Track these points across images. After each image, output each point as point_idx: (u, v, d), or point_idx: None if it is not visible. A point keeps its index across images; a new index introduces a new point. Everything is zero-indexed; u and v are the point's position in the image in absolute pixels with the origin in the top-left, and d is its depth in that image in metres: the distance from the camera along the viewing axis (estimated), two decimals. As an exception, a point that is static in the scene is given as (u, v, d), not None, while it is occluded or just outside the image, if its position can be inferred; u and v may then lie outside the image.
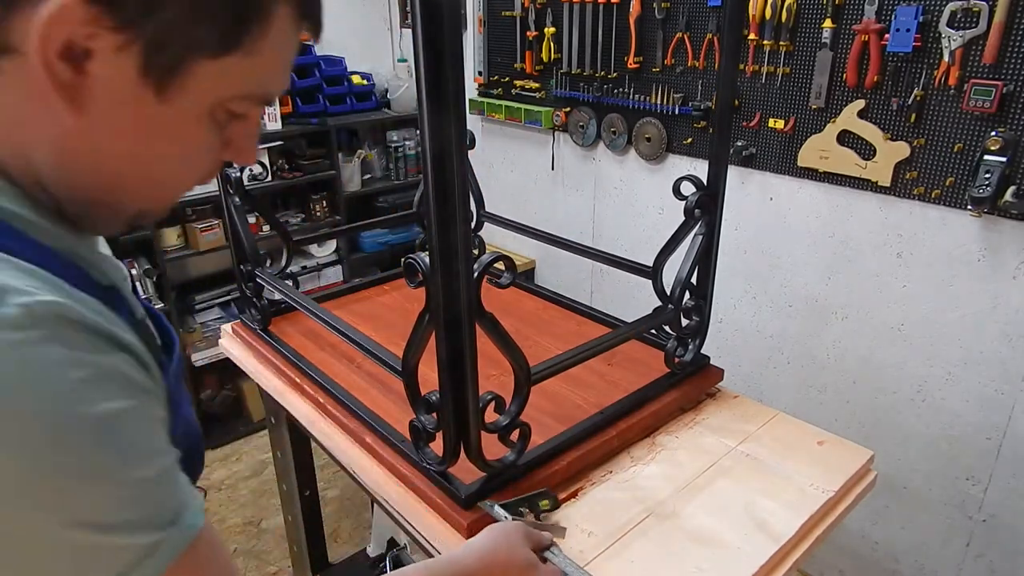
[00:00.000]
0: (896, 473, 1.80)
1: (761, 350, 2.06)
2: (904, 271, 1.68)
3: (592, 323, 1.46)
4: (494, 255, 0.79)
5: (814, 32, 1.68)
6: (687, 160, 2.09)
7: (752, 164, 1.91)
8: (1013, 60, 1.39)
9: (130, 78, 0.39)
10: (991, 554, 1.70)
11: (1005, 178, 1.43)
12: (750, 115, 1.86)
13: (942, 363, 1.67)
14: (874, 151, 1.65)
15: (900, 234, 1.67)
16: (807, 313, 1.91)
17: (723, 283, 1.86)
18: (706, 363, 1.27)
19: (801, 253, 1.88)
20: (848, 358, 1.85)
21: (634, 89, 2.12)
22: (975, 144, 1.48)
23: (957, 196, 1.54)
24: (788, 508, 0.98)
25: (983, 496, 1.67)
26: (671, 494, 1.01)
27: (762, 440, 1.12)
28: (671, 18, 1.96)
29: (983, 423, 1.63)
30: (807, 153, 1.77)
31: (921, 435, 1.74)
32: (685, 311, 1.18)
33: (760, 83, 1.82)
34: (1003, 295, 1.53)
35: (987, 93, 1.41)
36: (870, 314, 1.77)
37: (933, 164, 1.56)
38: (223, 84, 0.42)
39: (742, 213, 1.97)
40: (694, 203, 1.12)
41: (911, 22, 1.49)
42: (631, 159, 2.25)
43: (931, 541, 1.80)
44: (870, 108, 1.63)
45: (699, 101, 1.97)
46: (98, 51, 0.36)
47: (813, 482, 1.03)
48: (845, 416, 1.89)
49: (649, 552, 0.91)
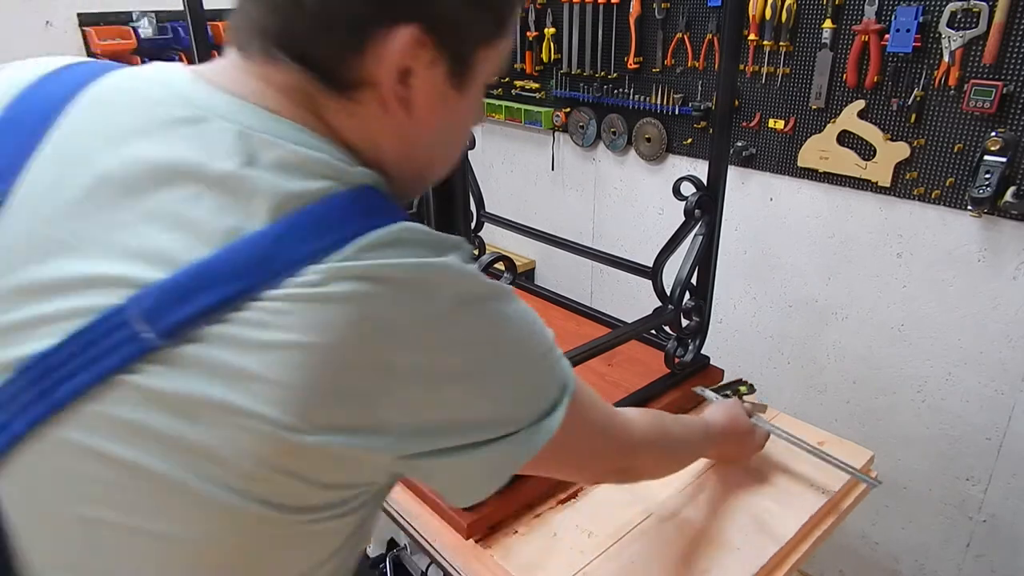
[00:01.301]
0: (896, 473, 1.80)
1: (761, 350, 2.06)
2: (904, 271, 1.68)
3: (592, 323, 1.46)
4: (494, 255, 0.79)
5: (814, 32, 1.68)
6: (687, 160, 2.09)
7: (752, 164, 1.91)
8: (1013, 60, 1.39)
9: (440, 84, 0.49)
10: (991, 554, 1.70)
11: (1005, 178, 1.43)
12: (750, 115, 1.86)
13: (942, 363, 1.67)
14: (874, 151, 1.65)
15: (900, 234, 1.67)
16: (807, 313, 1.91)
17: (723, 283, 1.86)
18: (706, 363, 1.27)
19: (801, 253, 1.88)
20: (848, 358, 1.85)
21: (634, 89, 2.12)
22: (975, 144, 1.48)
23: (957, 196, 1.54)
24: (788, 508, 0.98)
25: (983, 496, 1.67)
26: (671, 495, 1.01)
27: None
28: (671, 18, 1.96)
29: (983, 423, 1.63)
30: (807, 153, 1.77)
31: (921, 435, 1.74)
32: (685, 311, 1.18)
33: (760, 83, 1.81)
34: (1003, 295, 1.53)
35: (987, 93, 1.41)
36: (870, 314, 1.77)
37: (933, 164, 1.56)
38: (492, 63, 0.52)
39: (742, 213, 1.97)
40: (694, 203, 1.11)
41: (911, 22, 1.49)
42: (631, 159, 2.25)
43: (931, 541, 1.80)
44: (870, 108, 1.63)
45: (699, 101, 1.97)
46: (417, 69, 0.46)
47: (813, 482, 1.03)
48: (845, 416, 1.89)
49: (649, 553, 0.91)
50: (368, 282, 0.40)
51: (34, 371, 0.41)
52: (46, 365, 0.40)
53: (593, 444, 0.64)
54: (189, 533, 0.42)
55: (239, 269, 0.40)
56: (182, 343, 0.39)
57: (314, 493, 0.43)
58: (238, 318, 0.39)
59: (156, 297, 0.39)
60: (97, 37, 1.97)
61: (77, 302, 0.41)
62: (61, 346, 0.40)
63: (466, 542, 0.93)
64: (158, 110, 0.45)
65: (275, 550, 0.45)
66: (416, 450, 0.45)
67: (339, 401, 0.41)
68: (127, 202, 0.42)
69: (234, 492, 0.41)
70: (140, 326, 0.39)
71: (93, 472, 0.41)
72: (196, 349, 0.39)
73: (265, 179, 0.42)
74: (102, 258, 0.41)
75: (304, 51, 0.46)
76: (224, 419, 0.39)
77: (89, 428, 0.40)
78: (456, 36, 0.47)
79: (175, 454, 0.40)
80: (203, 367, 0.39)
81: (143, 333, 0.39)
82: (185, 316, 0.39)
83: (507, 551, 0.91)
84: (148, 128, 0.44)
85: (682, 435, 0.83)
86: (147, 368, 0.39)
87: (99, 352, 0.40)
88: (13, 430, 0.41)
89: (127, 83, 0.48)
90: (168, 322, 0.39)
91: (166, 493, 0.41)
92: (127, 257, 0.41)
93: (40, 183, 0.45)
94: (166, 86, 0.47)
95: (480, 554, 0.91)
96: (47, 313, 0.41)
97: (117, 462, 0.40)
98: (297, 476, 0.42)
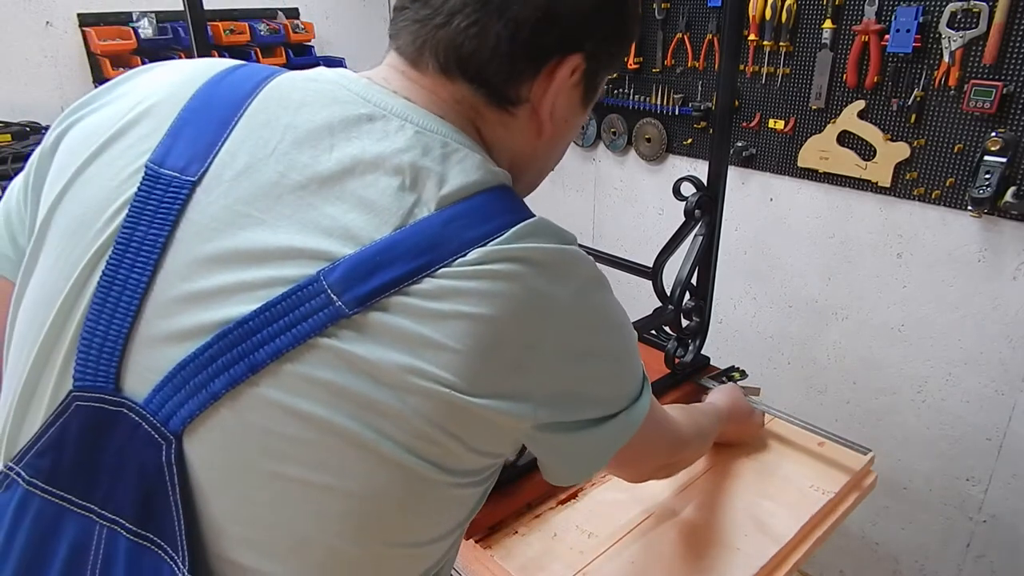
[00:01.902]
0: (896, 473, 1.80)
1: (761, 351, 2.05)
2: (904, 272, 1.68)
3: (592, 324, 1.46)
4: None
5: (814, 33, 1.68)
6: (687, 161, 2.09)
7: (752, 165, 1.91)
8: (1013, 61, 1.39)
9: (575, 103, 0.57)
10: (991, 555, 1.70)
11: (1005, 179, 1.43)
12: (750, 116, 1.86)
13: (942, 363, 1.67)
14: (874, 152, 1.65)
15: (900, 235, 1.67)
16: (807, 314, 1.91)
17: (723, 283, 1.86)
18: (706, 364, 1.27)
19: (801, 254, 1.88)
20: (848, 358, 1.85)
21: (634, 90, 2.12)
22: (975, 145, 1.48)
23: (957, 197, 1.54)
24: (788, 509, 0.98)
25: (983, 497, 1.67)
26: (671, 495, 1.01)
27: (762, 441, 1.12)
28: (671, 19, 1.96)
29: (983, 423, 1.62)
30: (807, 154, 1.77)
31: (921, 436, 1.74)
32: (685, 312, 1.18)
33: (760, 84, 1.82)
34: (1003, 296, 1.53)
35: (987, 94, 1.41)
36: (870, 315, 1.77)
37: (933, 165, 1.56)
38: (602, 86, 0.60)
39: (742, 214, 1.97)
40: (694, 204, 1.11)
41: (911, 23, 1.49)
42: (631, 160, 2.25)
43: (931, 542, 1.80)
44: (870, 109, 1.63)
45: (699, 102, 1.97)
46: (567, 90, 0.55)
47: (813, 483, 1.03)
48: (845, 417, 1.89)
49: (649, 553, 0.91)
50: (523, 263, 0.46)
51: (234, 334, 0.44)
52: (246, 329, 0.44)
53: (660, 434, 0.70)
54: (363, 489, 0.46)
55: (416, 248, 0.45)
56: (370, 311, 0.44)
57: (469, 457, 0.48)
58: (417, 290, 0.44)
59: (346, 270, 0.44)
60: (97, 37, 1.97)
61: (273, 272, 0.45)
62: (260, 311, 0.44)
63: (466, 542, 0.93)
64: (339, 107, 0.50)
65: (427, 509, 0.49)
66: (548, 419, 0.50)
67: (501, 367, 0.46)
68: (315, 186, 0.47)
69: (406, 449, 0.45)
70: (334, 295, 0.44)
71: (285, 429, 0.44)
72: (381, 317, 0.44)
73: (437, 172, 0.47)
74: (296, 233, 0.46)
75: (480, 72, 0.52)
76: (404, 380, 0.44)
77: (286, 387, 0.44)
78: (600, 65, 0.56)
79: (362, 412, 0.44)
80: (387, 333, 0.44)
81: (336, 301, 0.43)
82: (372, 288, 0.44)
83: (507, 551, 0.91)
84: (331, 121, 0.49)
85: (708, 427, 0.89)
86: (340, 332, 0.44)
87: (296, 317, 0.44)
88: (212, 389, 0.44)
89: (304, 83, 0.53)
90: (357, 292, 0.44)
91: (349, 449, 0.44)
92: (318, 233, 0.45)
93: (233, 166, 0.48)
94: (344, 87, 0.52)
95: (480, 554, 0.91)
96: (244, 280, 0.45)
97: (309, 419, 0.44)
98: (457, 437, 0.46)
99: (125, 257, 0.47)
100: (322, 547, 0.46)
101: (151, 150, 0.49)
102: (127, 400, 0.46)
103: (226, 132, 0.50)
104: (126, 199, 0.48)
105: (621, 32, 0.56)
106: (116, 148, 0.50)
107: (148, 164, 0.49)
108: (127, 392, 0.46)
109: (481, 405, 0.45)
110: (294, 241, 0.45)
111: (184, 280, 0.46)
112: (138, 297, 0.46)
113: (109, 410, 0.46)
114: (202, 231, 0.47)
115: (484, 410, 0.45)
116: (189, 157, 0.49)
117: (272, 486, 0.45)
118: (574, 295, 0.49)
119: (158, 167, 0.48)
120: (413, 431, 0.45)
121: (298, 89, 0.52)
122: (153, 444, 0.45)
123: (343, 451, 0.44)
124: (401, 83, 0.53)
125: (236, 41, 2.18)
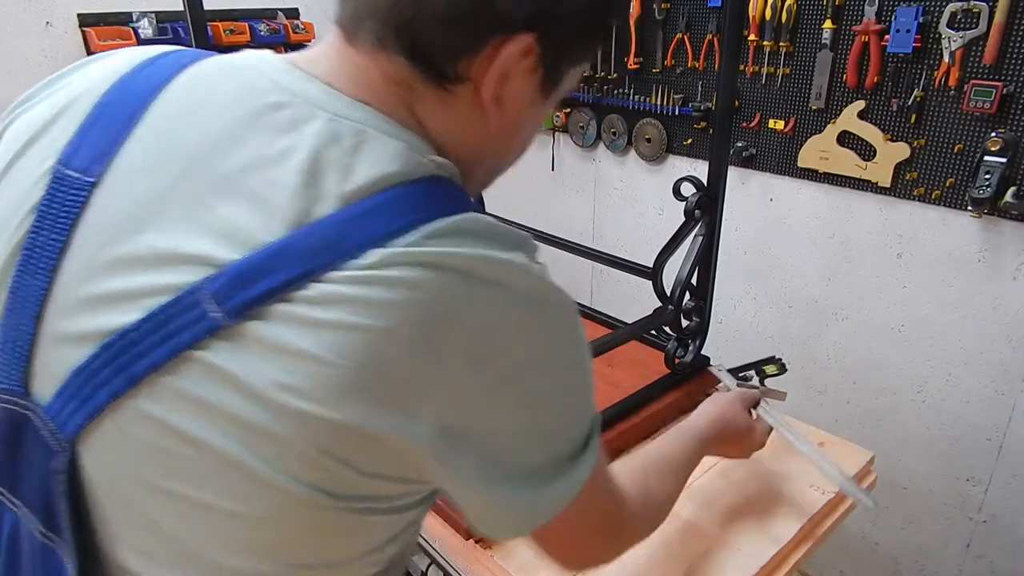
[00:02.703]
0: (896, 474, 1.80)
1: (761, 351, 2.05)
2: (904, 272, 1.68)
3: (592, 324, 1.46)
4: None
5: (814, 33, 1.68)
6: (687, 161, 2.09)
7: (752, 165, 1.91)
8: (1013, 61, 1.39)
9: (531, 90, 0.51)
10: (991, 555, 1.70)
11: (1005, 179, 1.43)
12: (750, 116, 1.86)
13: (942, 364, 1.67)
14: (874, 152, 1.65)
15: (900, 235, 1.67)
16: (807, 314, 1.91)
17: (723, 284, 1.86)
18: (706, 364, 1.26)
19: (801, 254, 1.88)
20: (848, 359, 1.85)
21: (634, 90, 2.12)
22: (975, 145, 1.48)
23: (957, 197, 1.54)
24: (788, 508, 0.98)
25: (983, 497, 1.67)
26: (671, 495, 1.01)
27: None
28: (671, 19, 1.96)
29: (983, 424, 1.63)
30: (807, 154, 1.77)
31: (921, 436, 1.74)
32: (685, 312, 1.18)
33: (760, 84, 1.82)
34: (1003, 296, 1.53)
35: (987, 94, 1.41)
36: (870, 315, 1.77)
37: (933, 165, 1.56)
38: (573, 80, 0.55)
39: (742, 214, 1.97)
40: (694, 204, 1.11)
41: (911, 23, 1.49)
42: (631, 160, 2.25)
43: (931, 542, 1.80)
44: (870, 109, 1.63)
45: (699, 102, 1.97)
46: (517, 73, 0.48)
47: (813, 483, 1.03)
48: (845, 417, 1.89)
49: (649, 553, 0.90)
50: (428, 269, 0.40)
51: (117, 345, 0.42)
52: (127, 340, 0.42)
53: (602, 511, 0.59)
54: (251, 511, 0.43)
55: (307, 251, 0.40)
56: (247, 321, 0.40)
57: (365, 482, 0.44)
58: (301, 297, 0.40)
59: (232, 276, 0.41)
60: (97, 37, 1.97)
61: (159, 278, 0.42)
62: (142, 322, 0.42)
63: (466, 542, 0.93)
64: (250, 96, 0.46)
65: (329, 535, 0.46)
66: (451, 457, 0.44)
67: (381, 383, 0.41)
68: (215, 184, 0.44)
69: (286, 473, 0.41)
70: (209, 305, 0.40)
71: (165, 444, 0.43)
72: (259, 327, 0.40)
73: (343, 164, 0.43)
74: (187, 235, 0.43)
75: (417, 43, 0.46)
76: (278, 399, 0.40)
77: (164, 402, 0.42)
78: (560, 53, 0.50)
79: (237, 431, 0.41)
80: (263, 345, 0.40)
81: (213, 311, 0.40)
82: (252, 295, 0.40)
83: (507, 551, 0.91)
84: (239, 113, 0.46)
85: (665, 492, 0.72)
86: (214, 344, 0.41)
87: (174, 329, 0.41)
88: (97, 400, 0.43)
89: (220, 70, 0.50)
90: (236, 301, 0.40)
91: (228, 470, 0.42)
92: (210, 236, 0.42)
93: (134, 164, 0.46)
94: (260, 73, 0.48)
95: (480, 555, 0.91)
96: (131, 288, 0.43)
97: (185, 436, 0.42)
98: (345, 462, 0.42)
99: (29, 262, 0.46)
100: (214, 563, 0.45)
101: (60, 150, 0.48)
102: (33, 403, 0.46)
103: (130, 129, 0.47)
104: (35, 203, 0.47)
105: (586, 18, 0.50)
106: (35, 148, 0.49)
107: (55, 166, 0.47)
108: (35, 395, 0.46)
109: (366, 427, 0.40)
110: (185, 246, 0.42)
111: (80, 284, 0.45)
112: (38, 302, 0.45)
113: (20, 412, 0.46)
114: (99, 234, 0.45)
115: (371, 431, 0.41)
116: (92, 157, 0.47)
117: (160, 500, 0.44)
118: (491, 310, 0.43)
119: (64, 168, 0.47)
120: (293, 454, 0.41)
121: (211, 77, 0.49)
122: (49, 450, 0.45)
123: (223, 471, 0.42)
124: (327, 65, 0.48)
125: (236, 41, 2.18)
